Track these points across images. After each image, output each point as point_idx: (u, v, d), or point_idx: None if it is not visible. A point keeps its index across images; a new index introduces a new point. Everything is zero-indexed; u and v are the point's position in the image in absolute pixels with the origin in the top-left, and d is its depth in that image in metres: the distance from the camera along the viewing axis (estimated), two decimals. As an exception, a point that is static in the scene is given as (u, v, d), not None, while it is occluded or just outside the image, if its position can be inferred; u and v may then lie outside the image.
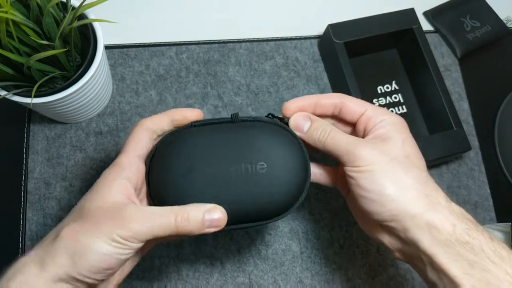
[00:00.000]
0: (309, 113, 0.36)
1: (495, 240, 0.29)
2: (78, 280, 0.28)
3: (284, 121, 0.36)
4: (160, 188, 0.33)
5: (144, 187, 0.34)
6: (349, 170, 0.32)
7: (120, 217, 0.28)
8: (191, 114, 0.34)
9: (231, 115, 0.34)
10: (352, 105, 0.35)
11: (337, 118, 0.37)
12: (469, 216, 0.31)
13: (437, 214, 0.30)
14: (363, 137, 0.35)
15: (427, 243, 0.30)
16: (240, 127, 0.34)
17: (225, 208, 0.31)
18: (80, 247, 0.28)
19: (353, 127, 0.36)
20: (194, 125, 0.34)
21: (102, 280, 0.30)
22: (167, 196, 0.32)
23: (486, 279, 0.28)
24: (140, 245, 0.29)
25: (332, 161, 0.36)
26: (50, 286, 0.27)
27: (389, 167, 0.31)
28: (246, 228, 0.34)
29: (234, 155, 0.32)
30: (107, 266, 0.28)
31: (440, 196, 0.31)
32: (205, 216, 0.30)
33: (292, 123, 0.35)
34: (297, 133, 0.35)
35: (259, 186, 0.32)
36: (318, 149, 0.35)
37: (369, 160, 0.31)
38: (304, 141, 0.35)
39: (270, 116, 0.36)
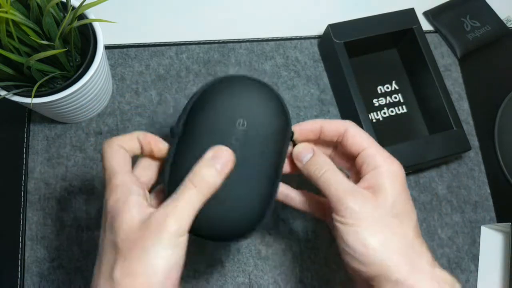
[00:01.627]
0: (314, 146, 0.35)
1: None
2: None
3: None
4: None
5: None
6: (335, 220, 0.32)
7: (163, 224, 0.28)
8: (160, 148, 0.34)
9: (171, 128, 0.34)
10: (351, 141, 0.34)
11: (341, 146, 0.36)
12: (452, 281, 0.30)
13: (419, 281, 0.29)
14: (358, 176, 0.34)
15: None
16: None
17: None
18: (139, 280, 0.27)
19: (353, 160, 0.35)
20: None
21: None
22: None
23: None
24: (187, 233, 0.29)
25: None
26: None
27: (376, 227, 0.30)
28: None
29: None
30: (175, 275, 0.29)
31: (424, 261, 0.30)
32: (217, 167, 0.30)
33: (294, 153, 0.36)
34: (297, 163, 0.35)
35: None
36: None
37: (355, 215, 0.30)
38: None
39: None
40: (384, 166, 0.32)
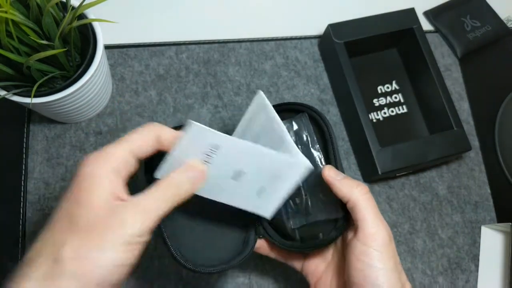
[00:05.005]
0: None
1: None
2: None
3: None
4: None
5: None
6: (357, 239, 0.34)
7: (120, 219, 0.26)
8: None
9: None
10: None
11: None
12: None
13: None
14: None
15: None
16: None
17: None
18: (89, 266, 0.25)
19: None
20: None
21: None
22: None
23: None
24: (149, 235, 0.28)
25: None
26: None
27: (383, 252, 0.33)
28: None
29: None
30: (119, 276, 0.26)
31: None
32: (188, 174, 0.31)
33: (329, 170, 0.37)
34: (332, 178, 0.36)
35: None
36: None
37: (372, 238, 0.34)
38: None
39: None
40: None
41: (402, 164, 0.48)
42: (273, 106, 0.39)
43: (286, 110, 0.40)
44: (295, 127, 0.39)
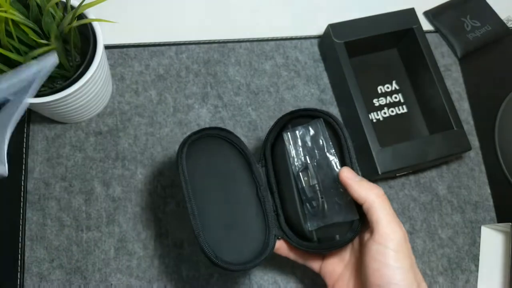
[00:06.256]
0: None
1: None
2: None
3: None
4: None
5: None
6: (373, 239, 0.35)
7: None
8: None
9: None
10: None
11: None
12: None
13: None
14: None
15: None
16: None
17: None
18: None
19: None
20: None
21: None
22: None
23: None
24: None
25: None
26: None
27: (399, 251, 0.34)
28: None
29: None
30: None
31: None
32: None
33: (346, 172, 0.37)
34: (350, 180, 0.36)
35: None
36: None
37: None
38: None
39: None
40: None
41: (402, 164, 0.48)
42: (289, 113, 0.41)
43: (302, 116, 0.41)
44: (312, 132, 0.40)
